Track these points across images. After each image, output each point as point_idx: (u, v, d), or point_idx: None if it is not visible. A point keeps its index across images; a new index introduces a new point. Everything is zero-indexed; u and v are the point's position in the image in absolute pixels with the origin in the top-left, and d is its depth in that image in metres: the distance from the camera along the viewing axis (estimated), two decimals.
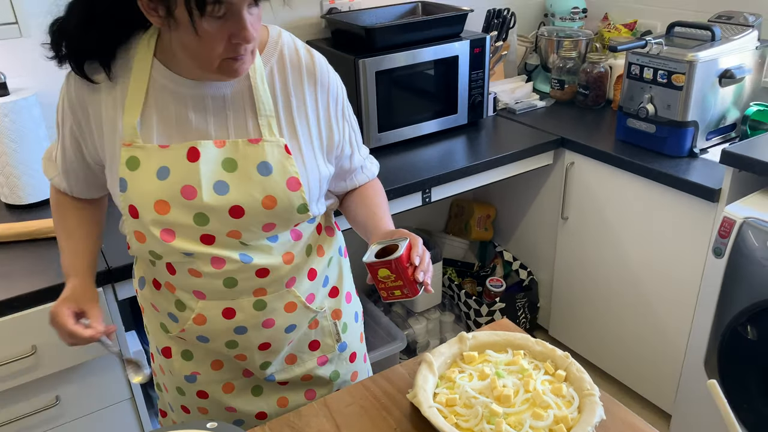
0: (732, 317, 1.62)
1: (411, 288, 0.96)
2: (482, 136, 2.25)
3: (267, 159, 0.99)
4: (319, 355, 1.22)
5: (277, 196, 1.00)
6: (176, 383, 1.20)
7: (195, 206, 0.98)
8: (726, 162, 1.69)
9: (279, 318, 1.11)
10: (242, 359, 1.14)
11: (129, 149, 0.98)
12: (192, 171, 0.97)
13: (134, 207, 0.99)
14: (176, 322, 1.12)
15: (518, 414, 0.98)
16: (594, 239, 2.20)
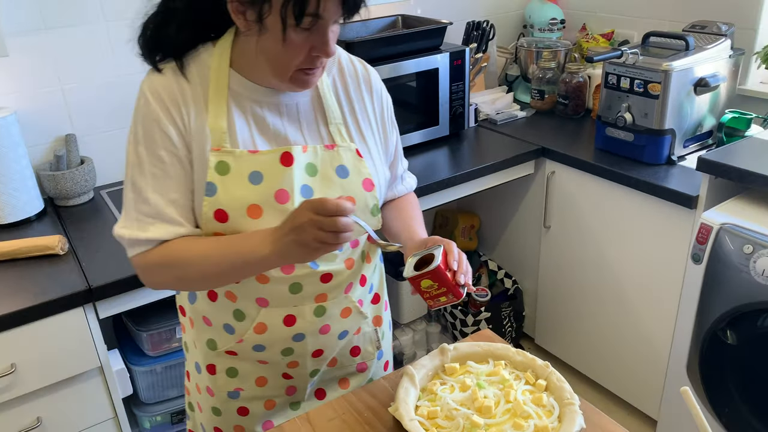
0: (712, 322, 1.64)
1: (455, 292, 0.98)
2: (464, 146, 2.27)
3: (343, 162, 1.05)
4: (359, 362, 1.23)
5: (356, 197, 1.05)
6: (213, 403, 1.18)
7: (286, 211, 0.98)
8: (702, 169, 1.71)
9: (335, 324, 1.13)
10: (294, 366, 1.15)
11: (218, 154, 0.98)
12: (286, 175, 1.00)
13: (223, 211, 0.98)
14: (231, 334, 1.11)
15: (499, 425, 0.99)
16: (576, 247, 2.22)
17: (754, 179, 1.60)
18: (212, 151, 0.98)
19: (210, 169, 0.98)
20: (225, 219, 0.99)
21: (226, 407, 1.18)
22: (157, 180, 0.98)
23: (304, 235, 0.88)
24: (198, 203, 1.00)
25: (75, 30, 1.87)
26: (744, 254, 1.54)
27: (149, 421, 1.85)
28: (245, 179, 0.98)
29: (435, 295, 0.99)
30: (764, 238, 1.52)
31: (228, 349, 1.13)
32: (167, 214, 0.99)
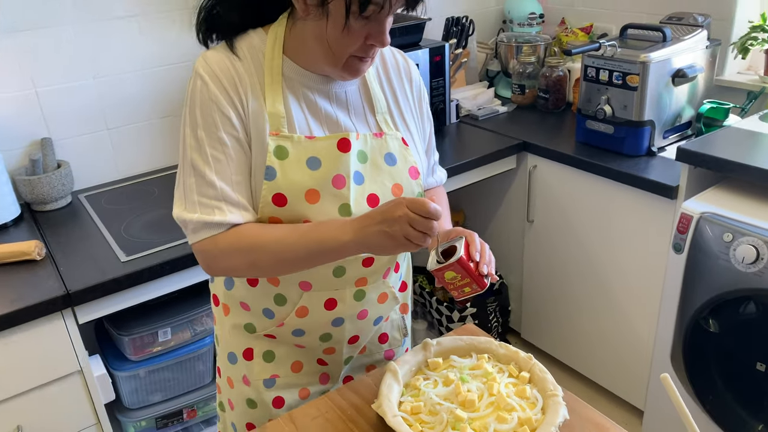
0: (694, 311, 1.65)
1: (479, 282, 0.99)
2: (446, 142, 2.27)
3: (391, 150, 1.07)
4: (386, 349, 1.26)
5: (403, 184, 1.07)
6: (248, 394, 1.18)
7: (342, 196, 1.01)
8: (681, 159, 1.72)
9: (372, 309, 1.14)
10: (330, 352, 1.17)
11: (276, 138, 0.99)
12: (344, 161, 1.01)
13: (283, 195, 0.99)
14: (271, 318, 1.12)
15: (483, 418, 0.98)
16: (559, 240, 2.22)
17: (732, 168, 1.61)
18: (271, 135, 0.98)
19: (269, 153, 0.98)
20: (283, 203, 0.99)
21: (261, 398, 1.18)
22: (219, 163, 0.97)
23: (395, 228, 0.89)
24: (256, 187, 1.00)
25: (48, 31, 1.84)
26: (724, 242, 1.55)
27: (134, 427, 1.82)
28: (303, 164, 0.99)
29: (459, 286, 1.00)
30: (743, 226, 1.53)
31: (267, 332, 1.14)
32: (233, 197, 0.98)
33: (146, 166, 2.14)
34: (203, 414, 1.93)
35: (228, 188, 0.98)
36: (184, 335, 1.80)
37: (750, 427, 1.62)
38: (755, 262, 1.49)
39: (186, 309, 1.80)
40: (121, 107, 2.02)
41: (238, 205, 0.99)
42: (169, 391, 1.85)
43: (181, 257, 1.58)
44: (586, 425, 1.04)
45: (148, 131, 2.10)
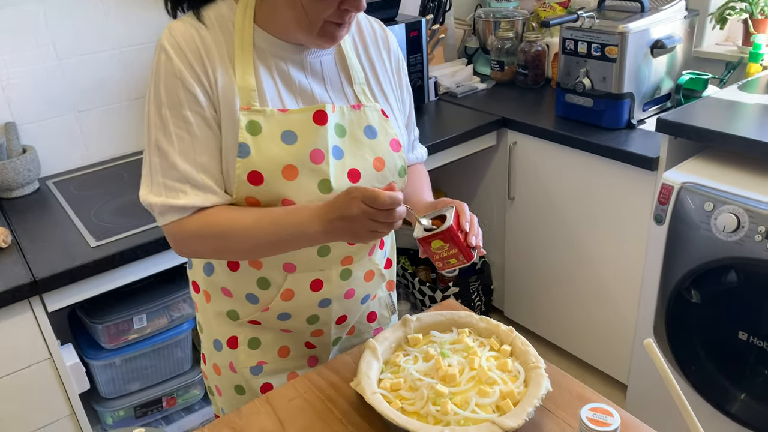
0: (676, 282, 1.64)
1: (465, 254, 0.96)
2: (425, 120, 2.23)
3: (371, 123, 1.03)
4: (375, 327, 1.23)
5: (385, 158, 1.03)
6: (236, 381, 1.15)
7: (321, 172, 0.97)
8: (661, 130, 1.70)
9: (359, 288, 1.11)
10: (318, 335, 1.14)
11: (248, 113, 0.95)
12: (320, 135, 0.97)
13: (258, 173, 0.94)
14: (255, 303, 1.08)
15: (464, 393, 0.96)
16: (541, 217, 2.21)
17: (712, 137, 1.60)
18: (242, 110, 0.94)
19: (241, 129, 0.94)
20: (260, 181, 0.95)
21: (249, 385, 1.15)
22: (183, 143, 0.93)
23: (356, 226, 0.87)
24: (230, 166, 0.95)
25: (11, 11, 1.76)
26: (705, 212, 1.53)
27: (111, 417, 1.79)
28: (278, 139, 0.95)
29: (445, 257, 0.97)
30: (724, 194, 1.52)
31: (251, 318, 1.10)
32: (198, 179, 0.94)
33: (118, 150, 2.08)
34: (183, 402, 1.90)
35: (192, 170, 0.94)
36: (160, 322, 1.76)
37: (732, 396, 1.62)
38: (736, 230, 1.48)
39: (162, 294, 1.75)
40: (89, 89, 1.96)
41: (203, 187, 0.95)
42: (147, 379, 1.81)
43: (154, 241, 1.54)
44: (569, 397, 1.02)
45: (119, 114, 2.04)
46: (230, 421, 1.02)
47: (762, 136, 1.52)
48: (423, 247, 0.99)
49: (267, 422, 1.01)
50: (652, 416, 1.89)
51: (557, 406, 1.00)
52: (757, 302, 1.51)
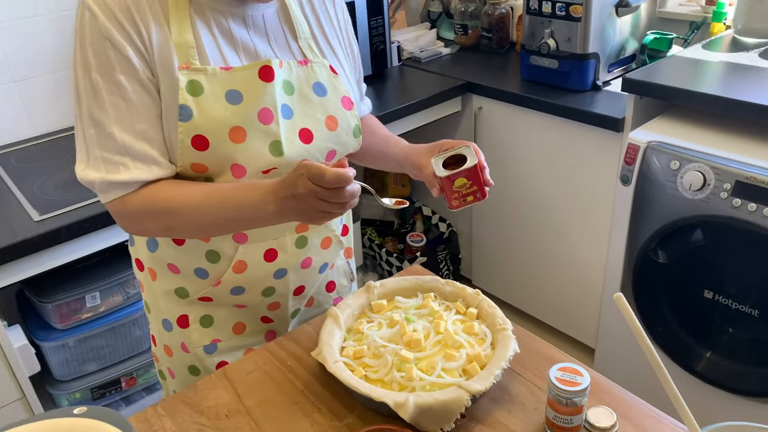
0: (643, 243, 1.63)
1: (482, 191, 0.98)
2: (388, 86, 2.17)
3: (319, 80, 0.97)
4: (335, 297, 1.19)
5: (337, 116, 0.98)
6: (190, 361, 1.09)
7: (271, 133, 0.91)
8: (627, 89, 1.68)
9: (315, 256, 1.06)
10: (274, 308, 1.08)
11: (187, 72, 0.87)
12: (268, 93, 0.91)
13: (203, 137, 0.88)
14: (205, 278, 1.02)
15: (430, 357, 0.92)
16: (508, 183, 2.18)
17: (677, 95, 1.58)
18: (180, 69, 0.87)
19: (181, 90, 0.87)
20: (205, 146, 0.88)
21: (203, 365, 1.09)
22: (119, 111, 0.86)
23: (304, 205, 0.82)
24: (171, 131, 0.88)
25: None
26: (671, 170, 1.52)
27: (67, 399, 1.71)
28: (222, 99, 0.89)
29: (465, 194, 0.98)
30: (690, 152, 1.51)
31: (202, 295, 1.03)
32: (139, 150, 0.87)
33: (64, 121, 1.97)
34: (144, 381, 1.83)
35: (132, 139, 0.87)
36: (115, 299, 1.68)
37: (698, 354, 1.63)
38: (702, 188, 1.47)
39: (116, 271, 1.67)
40: (27, 57, 1.83)
41: (145, 158, 0.88)
42: (104, 359, 1.74)
43: (104, 214, 1.46)
44: (537, 358, 0.99)
45: (64, 84, 1.92)
46: (185, 396, 0.97)
47: (726, 92, 1.51)
48: (444, 186, 0.98)
49: (224, 396, 0.96)
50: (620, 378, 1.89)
51: (525, 368, 0.97)
52: (722, 260, 1.51)
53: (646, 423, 0.87)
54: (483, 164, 0.98)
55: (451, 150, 1.01)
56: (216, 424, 0.91)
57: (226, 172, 0.91)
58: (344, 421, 0.90)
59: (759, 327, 1.48)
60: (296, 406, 0.93)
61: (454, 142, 1.02)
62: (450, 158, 1.00)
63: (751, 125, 1.57)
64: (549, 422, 0.85)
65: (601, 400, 0.91)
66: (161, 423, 0.92)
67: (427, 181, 1.05)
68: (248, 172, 0.92)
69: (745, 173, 1.40)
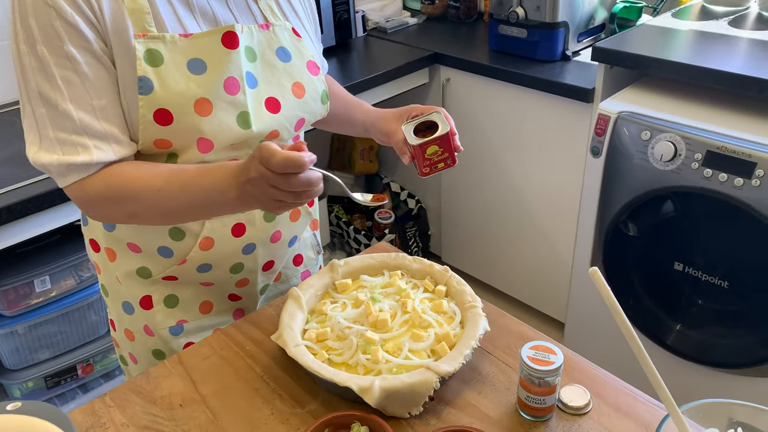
0: (613, 216, 1.61)
1: (453, 157, 0.96)
2: (353, 57, 2.10)
3: (283, 44, 0.92)
4: (302, 270, 1.15)
5: (303, 82, 0.93)
6: (154, 345, 1.03)
7: (238, 104, 0.86)
8: (597, 59, 1.64)
9: (285, 229, 1.02)
10: (243, 285, 1.04)
11: (144, 41, 0.80)
12: (232, 61, 0.85)
13: (166, 111, 0.82)
14: (169, 257, 0.96)
15: (396, 338, 0.88)
16: (477, 156, 2.13)
17: (648, 64, 1.55)
18: (137, 37, 0.80)
19: (139, 60, 0.80)
20: (169, 120, 0.82)
21: (169, 347, 1.03)
22: (73, 86, 0.78)
23: (257, 191, 0.75)
24: (131, 106, 0.82)
25: None
26: (642, 141, 1.49)
27: (19, 389, 1.63)
28: (184, 69, 0.83)
29: (436, 161, 0.96)
30: (661, 122, 1.48)
31: (166, 275, 0.98)
32: (98, 128, 0.80)
33: (6, 95, 1.84)
34: (102, 368, 1.76)
35: (89, 117, 0.80)
36: (67, 283, 1.60)
37: (668, 327, 1.62)
38: (673, 159, 1.44)
39: (67, 253, 1.59)
40: None
41: (105, 137, 0.81)
42: (58, 346, 1.65)
43: (50, 192, 1.36)
44: (508, 336, 0.95)
45: (5, 55, 1.80)
46: (135, 386, 0.90)
47: (697, 61, 1.48)
48: (415, 153, 0.95)
49: (178, 384, 0.90)
50: (590, 352, 1.88)
51: (496, 347, 0.93)
52: (693, 232, 1.50)
53: (620, 401, 0.84)
54: (454, 130, 0.95)
55: (421, 116, 0.98)
56: (170, 414, 0.86)
57: (192, 147, 0.85)
58: (307, 408, 0.85)
59: (728, 298, 1.48)
60: (256, 393, 0.88)
61: (423, 108, 0.99)
62: (420, 124, 0.97)
63: (722, 94, 1.55)
64: (521, 403, 0.81)
65: (574, 378, 0.87)
66: (110, 415, 0.86)
67: (397, 148, 1.00)
68: (215, 147, 0.86)
69: (716, 143, 1.38)
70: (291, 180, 0.72)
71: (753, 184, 1.34)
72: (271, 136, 0.91)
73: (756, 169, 1.33)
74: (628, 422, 0.81)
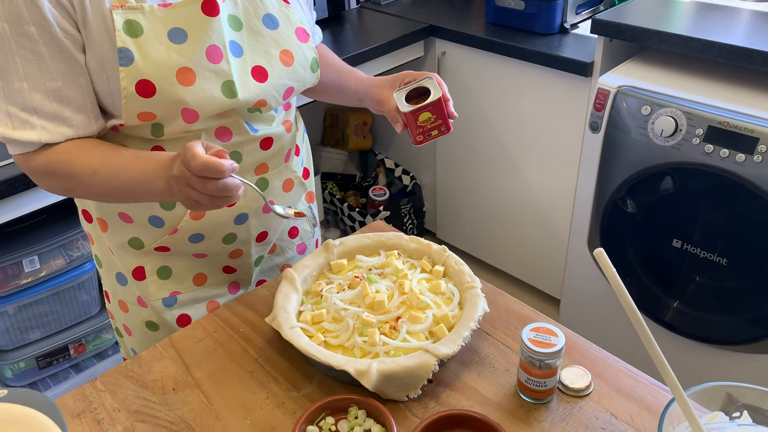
0: (611, 192, 1.59)
1: (447, 124, 0.94)
2: (346, 30, 2.04)
3: (269, 11, 0.90)
4: (298, 243, 1.14)
5: (292, 50, 0.92)
6: (147, 317, 1.03)
7: (222, 73, 0.84)
8: (597, 31, 1.60)
9: (278, 199, 1.02)
10: (237, 256, 1.03)
11: (122, 12, 0.79)
12: (214, 28, 0.84)
13: (148, 81, 0.81)
14: (161, 227, 0.95)
15: (393, 320, 0.85)
16: (472, 132, 2.10)
17: (648, 36, 1.51)
18: (114, 8, 0.79)
19: (118, 31, 0.79)
20: (152, 92, 0.81)
21: (162, 319, 1.02)
22: (29, 65, 0.78)
23: (176, 188, 0.77)
24: (111, 80, 0.81)
25: None
26: (642, 116, 1.46)
27: (11, 370, 1.61)
28: (164, 38, 0.82)
29: (429, 128, 0.94)
30: (661, 97, 1.45)
31: (158, 245, 0.97)
32: (48, 110, 0.81)
33: None
34: (94, 347, 1.74)
35: (42, 98, 0.80)
36: (56, 263, 1.57)
37: (665, 304, 1.61)
38: (673, 134, 1.42)
39: (55, 232, 1.56)
40: None
41: (54, 119, 0.81)
42: (49, 326, 1.63)
43: None
44: (508, 317, 0.93)
45: None
46: (127, 369, 0.89)
47: (699, 33, 1.45)
48: (407, 121, 0.93)
49: (170, 367, 0.88)
50: (586, 329, 1.88)
51: (495, 328, 0.91)
52: (692, 208, 1.48)
53: (622, 382, 0.83)
54: (447, 96, 0.93)
55: (413, 82, 0.95)
56: (162, 398, 0.84)
57: (177, 118, 0.84)
58: (303, 392, 0.83)
59: (726, 276, 1.47)
60: (250, 376, 0.86)
61: (416, 74, 0.96)
62: (413, 91, 0.94)
63: (724, 68, 1.52)
64: (521, 385, 0.80)
65: (575, 359, 0.86)
66: (101, 400, 0.84)
67: (390, 116, 0.98)
68: (201, 116, 0.85)
69: (718, 118, 1.36)
70: (208, 184, 0.73)
71: (755, 159, 1.31)
72: (258, 104, 0.90)
73: (759, 145, 1.30)
74: (629, 404, 0.80)
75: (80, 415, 0.82)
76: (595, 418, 0.78)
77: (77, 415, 0.82)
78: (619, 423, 0.77)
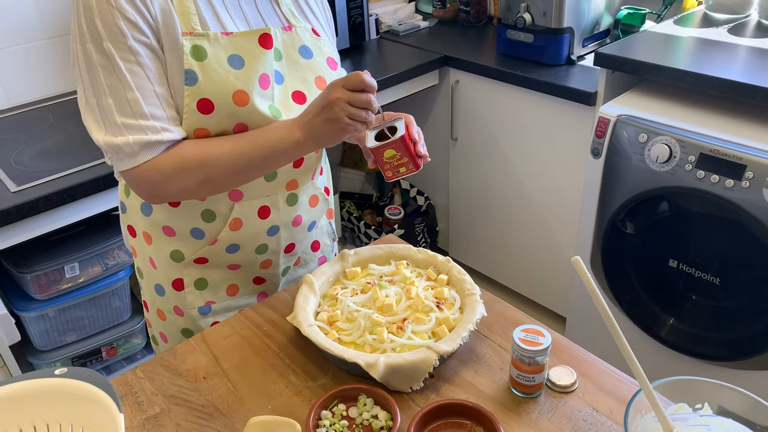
0: (612, 214, 1.68)
1: (415, 162, 0.99)
2: (366, 59, 2.18)
3: (305, 43, 1.02)
4: (319, 256, 1.24)
5: (325, 76, 1.03)
6: (183, 324, 1.14)
7: (269, 97, 0.97)
8: (600, 64, 1.71)
9: (305, 214, 1.12)
10: (266, 266, 1.13)
11: (191, 38, 0.91)
12: (267, 59, 0.96)
13: (208, 101, 0.91)
14: (201, 238, 1.06)
15: (400, 321, 0.96)
16: (483, 156, 2.21)
17: (647, 69, 1.61)
18: (184, 35, 0.90)
19: (186, 55, 0.90)
20: (210, 109, 0.92)
21: (197, 326, 1.13)
22: (137, 77, 0.88)
23: (335, 111, 0.88)
24: (177, 96, 0.92)
25: None
26: (639, 143, 1.56)
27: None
28: (225, 64, 0.93)
29: (396, 165, 1.00)
30: (657, 126, 1.55)
31: (197, 256, 1.07)
32: (162, 112, 0.91)
33: (40, 91, 1.95)
34: (124, 351, 1.86)
35: (156, 102, 0.90)
36: (94, 270, 1.70)
37: (662, 321, 1.69)
38: (668, 160, 1.51)
39: (94, 242, 1.68)
40: (2, 28, 1.81)
41: (169, 119, 0.92)
42: (84, 330, 1.76)
43: (82, 184, 1.46)
44: (503, 321, 1.03)
45: (38, 54, 1.90)
46: (163, 360, 1.00)
47: (694, 67, 1.55)
48: (375, 157, 1.00)
49: (202, 359, 0.99)
50: (591, 346, 1.96)
51: (492, 331, 1.01)
52: (687, 231, 1.56)
53: (604, 381, 0.92)
54: (414, 137, 1.00)
55: (384, 123, 1.01)
56: (194, 385, 0.95)
57: (229, 133, 0.95)
58: (318, 382, 0.94)
59: (720, 295, 1.55)
60: (272, 368, 0.97)
61: (393, 114, 1.04)
62: (389, 129, 1.00)
63: (717, 99, 1.62)
64: (513, 380, 0.90)
65: (563, 360, 0.96)
66: (141, 385, 0.95)
67: (365, 152, 1.08)
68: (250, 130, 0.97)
69: (709, 146, 1.45)
70: (366, 97, 0.87)
71: (743, 185, 1.40)
72: None
73: (746, 171, 1.40)
74: (610, 400, 0.89)
75: (123, 397, 0.94)
76: (578, 411, 0.87)
77: (120, 398, 0.93)
78: (599, 416, 0.86)
